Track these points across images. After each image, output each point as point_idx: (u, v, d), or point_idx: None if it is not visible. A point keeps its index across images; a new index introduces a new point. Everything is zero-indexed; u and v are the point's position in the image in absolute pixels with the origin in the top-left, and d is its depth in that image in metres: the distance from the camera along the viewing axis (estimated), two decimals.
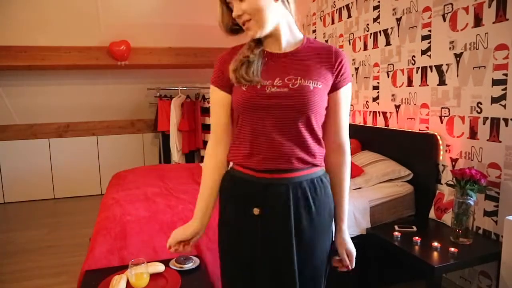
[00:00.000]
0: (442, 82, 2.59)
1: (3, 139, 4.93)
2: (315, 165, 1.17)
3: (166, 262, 1.82)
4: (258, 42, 1.17)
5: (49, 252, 3.37)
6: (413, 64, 2.85)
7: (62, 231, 3.92)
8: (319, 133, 1.17)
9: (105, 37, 4.18)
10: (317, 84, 1.11)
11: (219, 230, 1.28)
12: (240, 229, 1.18)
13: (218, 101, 1.21)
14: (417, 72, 2.82)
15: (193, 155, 5.33)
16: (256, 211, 1.13)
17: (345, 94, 1.20)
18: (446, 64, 2.55)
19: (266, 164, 1.12)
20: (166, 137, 5.16)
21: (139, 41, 4.34)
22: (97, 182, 5.38)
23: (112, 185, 3.05)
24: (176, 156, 5.01)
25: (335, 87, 1.17)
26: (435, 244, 2.09)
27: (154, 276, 1.68)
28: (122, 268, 1.75)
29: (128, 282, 1.60)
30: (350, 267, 1.27)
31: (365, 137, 3.32)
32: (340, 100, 1.19)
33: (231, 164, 1.25)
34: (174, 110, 4.92)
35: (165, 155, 5.25)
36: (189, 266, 1.80)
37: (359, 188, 2.76)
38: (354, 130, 3.51)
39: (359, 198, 2.55)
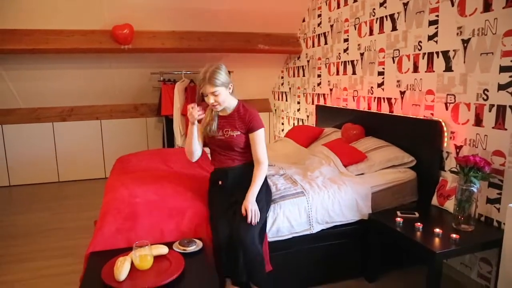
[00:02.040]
0: (448, 68, 2.57)
1: (8, 123, 4.96)
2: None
3: (170, 245, 1.85)
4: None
5: (54, 234, 3.42)
6: (420, 50, 2.82)
7: (66, 214, 3.97)
8: (244, 152, 2.24)
9: (108, 20, 4.15)
10: (238, 133, 2.20)
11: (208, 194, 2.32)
12: (215, 191, 2.28)
13: None
14: (423, 58, 2.79)
15: None
16: (220, 182, 2.27)
17: (257, 134, 2.17)
18: (453, 50, 2.52)
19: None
20: (169, 121, 5.15)
21: (142, 25, 4.30)
22: (101, 165, 5.42)
23: (116, 168, 3.07)
24: (179, 140, 5.01)
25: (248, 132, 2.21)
26: (437, 230, 2.10)
27: (158, 258, 1.71)
28: (126, 250, 1.77)
29: (132, 264, 1.63)
30: (248, 219, 2.01)
31: (369, 123, 3.31)
32: (253, 138, 2.19)
33: None
34: (178, 94, 4.90)
35: (169, 139, 5.26)
36: (192, 248, 1.83)
37: (361, 174, 2.76)
38: (358, 116, 3.51)
39: (361, 184, 2.56)
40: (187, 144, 2.26)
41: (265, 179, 2.28)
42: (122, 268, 1.55)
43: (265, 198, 2.22)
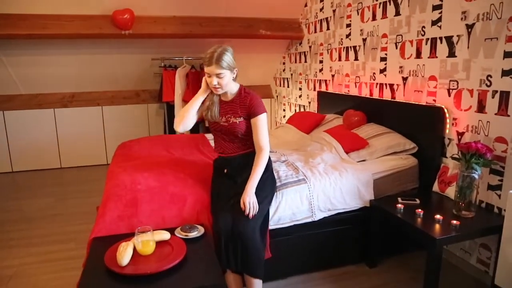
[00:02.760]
0: (451, 54, 2.54)
1: (9, 109, 4.95)
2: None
3: (172, 231, 1.86)
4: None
5: (57, 219, 3.45)
6: (423, 35, 2.79)
7: (69, 200, 4.00)
8: (248, 139, 2.17)
9: (108, 5, 4.10)
10: (240, 119, 2.14)
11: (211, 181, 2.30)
12: (219, 179, 2.25)
13: None
14: (426, 44, 2.76)
15: (197, 126, 5.32)
16: (225, 170, 2.23)
17: (258, 119, 2.10)
18: (457, 36, 2.49)
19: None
20: (171, 108, 5.14)
21: (143, 10, 4.25)
22: (102, 152, 5.43)
23: (118, 154, 3.07)
24: None
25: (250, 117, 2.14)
26: (438, 216, 2.11)
27: (160, 244, 1.73)
28: (129, 235, 1.79)
29: (135, 249, 1.65)
30: (246, 212, 1.97)
31: (371, 110, 3.29)
32: (255, 123, 2.12)
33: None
34: (179, 80, 4.88)
35: (170, 126, 5.26)
36: (194, 234, 1.84)
37: (363, 160, 2.76)
38: (360, 102, 3.49)
39: (363, 170, 2.56)
40: (184, 109, 2.16)
41: (270, 168, 2.25)
42: (124, 253, 1.57)
43: (269, 188, 2.19)
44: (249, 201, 1.98)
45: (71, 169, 5.25)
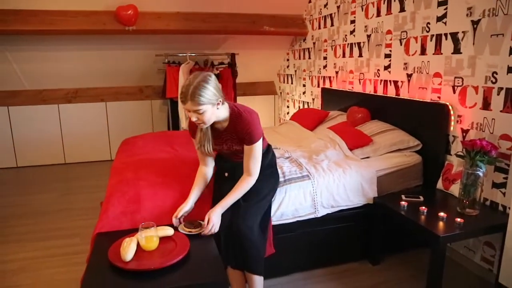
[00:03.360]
0: (457, 50, 2.52)
1: (14, 104, 4.97)
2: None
3: (175, 227, 1.87)
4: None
5: (62, 215, 3.47)
6: (428, 32, 2.77)
7: (73, 195, 4.02)
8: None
9: (111, 1, 4.09)
10: (239, 146, 2.00)
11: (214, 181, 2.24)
12: (220, 180, 2.19)
13: None
14: (431, 40, 2.74)
15: None
16: (226, 174, 2.15)
17: (252, 148, 1.95)
18: (462, 32, 2.47)
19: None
20: (174, 104, 5.15)
21: (146, 6, 4.25)
22: (106, 147, 5.45)
23: (121, 150, 3.08)
24: (184, 122, 5.01)
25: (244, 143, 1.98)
26: (441, 214, 2.10)
27: (163, 240, 1.73)
28: (133, 231, 1.79)
29: (138, 245, 1.65)
30: (204, 229, 1.85)
31: (375, 106, 3.28)
32: (247, 150, 1.97)
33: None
34: (183, 76, 4.87)
35: (174, 122, 5.26)
36: (197, 230, 1.84)
37: (367, 157, 2.75)
38: (364, 99, 3.48)
39: (367, 167, 2.55)
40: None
41: (274, 164, 2.24)
42: (128, 249, 1.57)
43: (271, 185, 2.17)
44: (214, 220, 1.86)
45: (75, 165, 5.27)
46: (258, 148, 1.96)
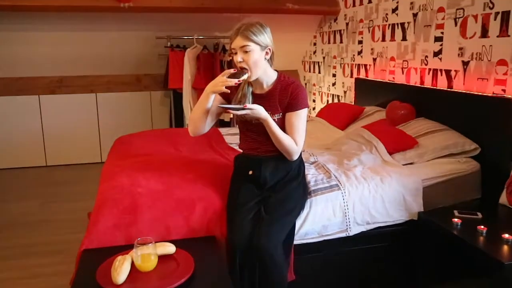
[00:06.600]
0: None
1: None
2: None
3: (177, 243, 1.87)
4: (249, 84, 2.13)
5: (42, 227, 3.52)
6: (491, 9, 2.72)
7: (56, 204, 4.07)
8: None
9: None
10: (279, 115, 2.10)
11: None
12: (241, 181, 2.22)
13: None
14: (495, 19, 2.69)
15: None
16: (250, 172, 2.18)
17: (297, 114, 2.07)
18: None
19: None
20: (178, 96, 5.19)
21: None
22: (96, 147, 5.52)
23: (114, 151, 3.11)
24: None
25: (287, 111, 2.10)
26: (506, 236, 2.05)
27: (163, 258, 1.74)
28: (126, 248, 1.80)
29: (133, 264, 1.66)
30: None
31: (422, 101, 3.26)
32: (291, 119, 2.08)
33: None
34: (188, 63, 4.90)
35: (177, 117, 5.31)
36: (244, 77, 1.96)
37: (410, 163, 2.73)
38: (408, 92, 3.45)
39: (410, 175, 2.53)
40: (193, 111, 2.17)
41: (302, 174, 2.27)
42: (120, 269, 1.58)
43: (299, 199, 2.19)
44: (256, 107, 1.94)
45: (59, 168, 5.35)
46: (303, 117, 2.09)
